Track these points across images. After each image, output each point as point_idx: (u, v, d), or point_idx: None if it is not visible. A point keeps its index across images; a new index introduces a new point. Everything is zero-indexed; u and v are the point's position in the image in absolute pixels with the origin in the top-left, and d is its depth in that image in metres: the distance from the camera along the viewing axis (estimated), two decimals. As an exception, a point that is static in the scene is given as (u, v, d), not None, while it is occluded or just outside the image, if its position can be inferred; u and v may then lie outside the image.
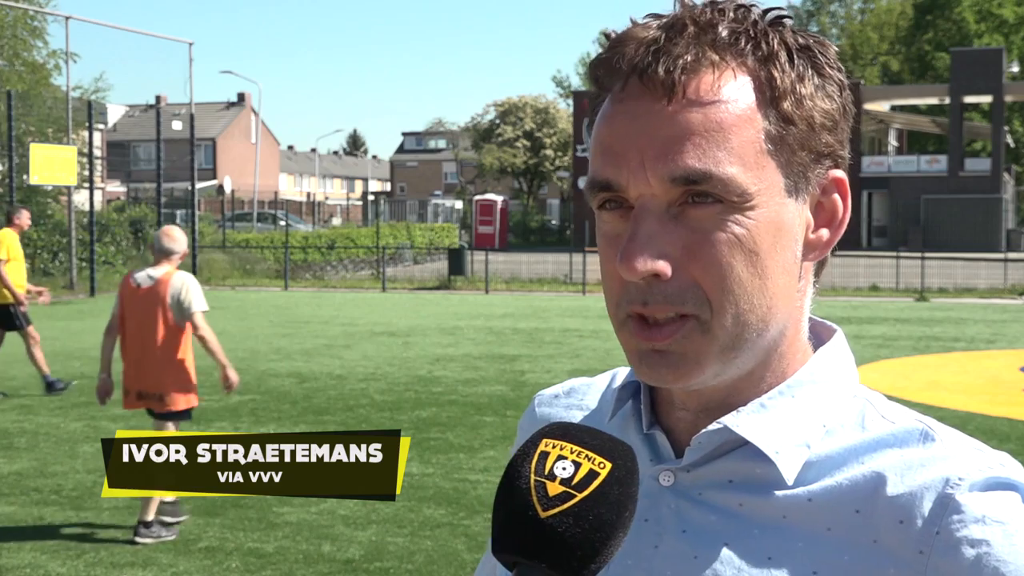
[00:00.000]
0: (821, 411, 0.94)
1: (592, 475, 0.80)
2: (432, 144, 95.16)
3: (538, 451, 0.82)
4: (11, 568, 5.83)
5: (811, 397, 0.94)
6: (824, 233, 0.96)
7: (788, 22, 0.93)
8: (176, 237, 6.57)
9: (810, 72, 0.92)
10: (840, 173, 0.95)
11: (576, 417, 1.09)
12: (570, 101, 61.37)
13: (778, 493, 0.91)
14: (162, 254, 6.50)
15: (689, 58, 0.88)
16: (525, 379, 12.30)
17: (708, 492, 0.94)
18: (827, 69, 0.93)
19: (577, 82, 75.10)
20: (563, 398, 1.13)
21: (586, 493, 0.80)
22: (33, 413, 10.18)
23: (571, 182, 53.98)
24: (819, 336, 1.00)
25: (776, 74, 0.90)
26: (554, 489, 0.80)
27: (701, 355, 0.90)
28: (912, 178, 48.97)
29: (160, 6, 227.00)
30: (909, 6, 68.07)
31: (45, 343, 15.69)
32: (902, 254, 30.81)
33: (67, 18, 28.11)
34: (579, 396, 1.12)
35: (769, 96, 0.90)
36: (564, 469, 0.81)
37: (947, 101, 49.97)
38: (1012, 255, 37.33)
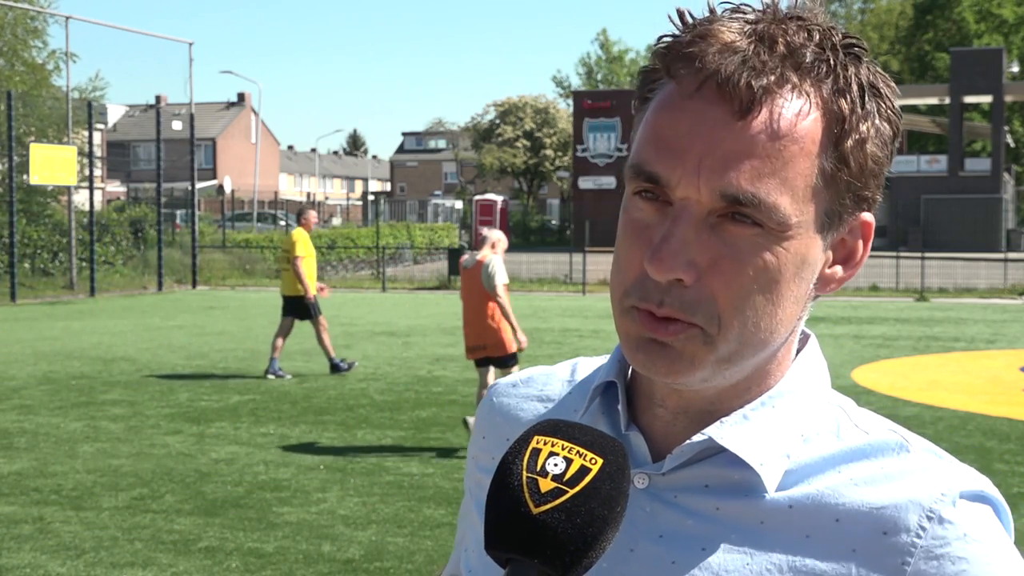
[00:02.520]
0: (799, 420, 0.95)
1: (584, 471, 0.81)
2: (432, 144, 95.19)
3: (529, 448, 0.83)
4: (11, 568, 5.83)
5: (790, 407, 0.95)
6: (839, 270, 0.96)
7: (864, 56, 0.93)
8: (493, 230, 9.02)
9: (874, 114, 0.92)
10: (870, 217, 0.95)
11: (536, 406, 1.10)
12: (570, 101, 61.34)
13: (756, 499, 0.92)
14: (481, 242, 8.84)
15: (773, 78, 0.88)
16: (525, 379, 12.29)
17: (683, 496, 0.94)
18: (887, 111, 0.93)
19: (577, 82, 75.12)
20: (520, 387, 1.13)
21: (578, 489, 0.80)
22: (33, 413, 10.18)
23: (571, 182, 53.96)
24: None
25: (846, 111, 0.90)
26: (546, 485, 0.80)
27: (697, 359, 0.90)
28: (912, 178, 48.95)
29: (160, 6, 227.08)
30: (909, 6, 68.06)
31: (45, 343, 15.70)
32: (902, 254, 30.80)
33: (67, 18, 28.12)
34: (538, 385, 1.12)
35: (834, 133, 0.90)
36: (556, 465, 0.81)
37: (947, 101, 49.96)
38: (1012, 255, 37.34)
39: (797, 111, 0.88)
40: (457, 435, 9.17)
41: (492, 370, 8.82)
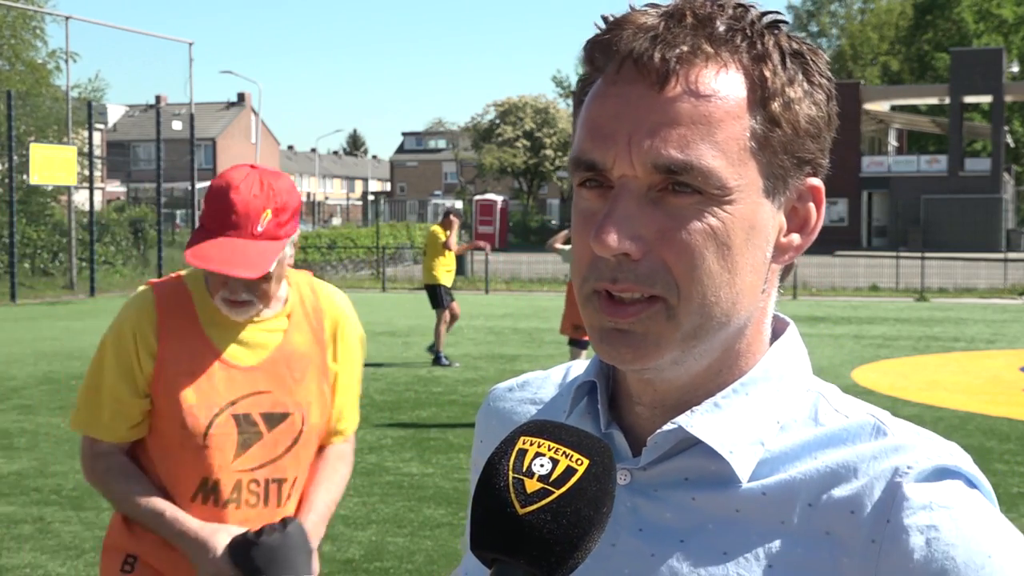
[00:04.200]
0: (775, 407, 0.95)
1: (570, 472, 0.81)
2: (432, 144, 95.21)
3: (516, 448, 0.83)
4: (11, 568, 5.83)
5: (765, 394, 0.95)
6: (795, 238, 0.97)
7: (784, 26, 0.94)
8: None
9: (800, 77, 0.93)
10: (817, 182, 0.96)
11: (530, 410, 1.10)
12: (570, 101, 61.36)
13: (731, 488, 0.93)
14: None
15: (685, 48, 0.89)
16: (525, 379, 12.31)
17: (663, 490, 0.95)
18: (817, 76, 0.94)
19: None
20: (517, 391, 1.14)
21: (564, 489, 0.80)
22: (33, 413, 10.18)
23: (571, 182, 53.97)
24: (774, 330, 1.01)
25: (768, 74, 0.91)
26: (532, 486, 0.80)
27: (662, 339, 0.91)
28: (912, 178, 48.98)
29: (160, 6, 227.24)
30: (909, 6, 68.08)
31: (45, 343, 15.70)
32: (902, 254, 30.82)
33: (67, 18, 28.12)
34: (533, 389, 1.13)
35: (759, 95, 0.91)
36: (542, 466, 0.81)
37: (947, 101, 50.00)
38: (1012, 255, 37.34)
39: (715, 75, 0.90)
40: (457, 435, 9.17)
41: (583, 353, 10.07)
